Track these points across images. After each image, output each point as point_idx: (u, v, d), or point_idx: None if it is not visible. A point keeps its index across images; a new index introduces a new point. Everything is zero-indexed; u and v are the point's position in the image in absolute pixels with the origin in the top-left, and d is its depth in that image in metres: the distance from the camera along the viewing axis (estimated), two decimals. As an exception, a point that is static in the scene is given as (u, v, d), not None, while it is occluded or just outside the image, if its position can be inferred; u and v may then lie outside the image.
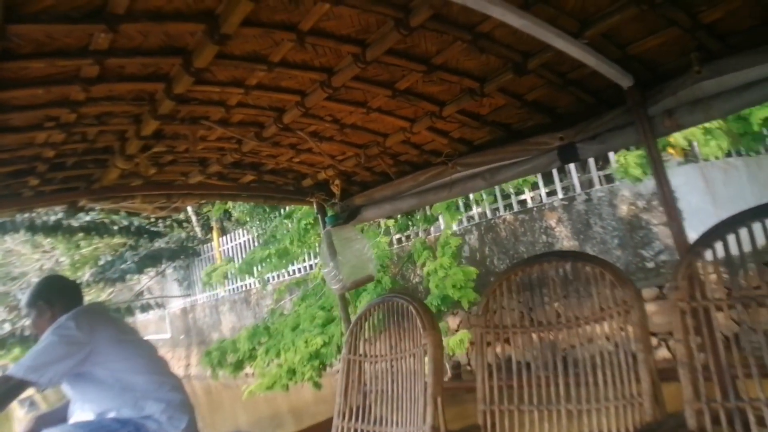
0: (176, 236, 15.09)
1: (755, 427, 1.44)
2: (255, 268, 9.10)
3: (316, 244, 8.54)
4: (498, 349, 2.09)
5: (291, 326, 7.44)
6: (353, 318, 2.58)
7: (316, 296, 7.94)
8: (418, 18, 1.61)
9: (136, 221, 13.83)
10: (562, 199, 7.59)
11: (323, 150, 2.66)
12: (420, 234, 8.84)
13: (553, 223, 7.69)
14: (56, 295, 2.30)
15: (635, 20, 1.74)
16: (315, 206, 3.32)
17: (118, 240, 14.29)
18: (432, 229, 8.96)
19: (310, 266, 10.68)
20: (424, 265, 7.43)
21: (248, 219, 11.59)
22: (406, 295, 2.41)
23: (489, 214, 8.30)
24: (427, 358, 2.16)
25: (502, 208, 8.21)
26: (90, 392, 2.20)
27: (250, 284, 12.59)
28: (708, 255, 1.65)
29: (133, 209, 3.00)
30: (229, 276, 12.08)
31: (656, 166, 2.11)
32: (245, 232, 12.87)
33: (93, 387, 2.19)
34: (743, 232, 1.61)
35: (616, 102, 2.16)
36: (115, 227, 13.26)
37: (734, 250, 1.62)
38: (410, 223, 8.54)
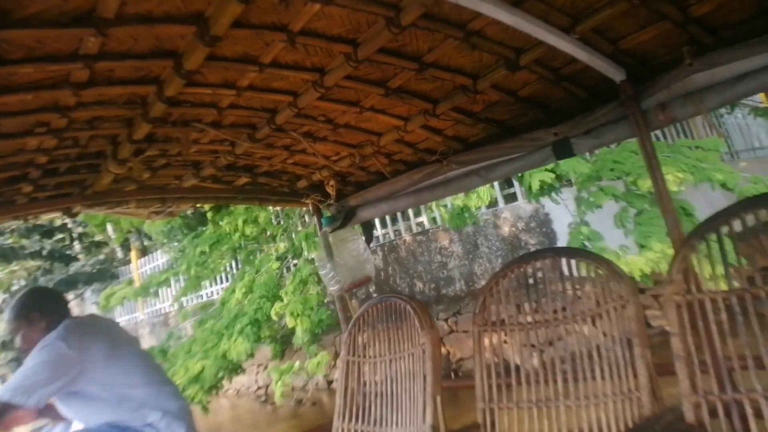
0: (94, 258, 14.81)
1: (752, 418, 1.44)
2: (160, 292, 9.27)
3: (222, 268, 8.91)
4: (495, 347, 2.09)
5: (186, 350, 7.56)
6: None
7: (215, 320, 8.06)
8: (409, 16, 1.61)
9: (48, 245, 13.53)
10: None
11: (317, 150, 2.65)
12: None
13: (446, 243, 8.31)
14: (43, 307, 2.25)
15: (626, 14, 1.74)
16: (311, 207, 3.32)
17: (33, 263, 13.94)
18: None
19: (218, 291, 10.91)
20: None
21: (165, 240, 11.47)
22: (403, 295, 2.41)
23: (392, 235, 8.83)
24: (425, 358, 2.16)
25: (402, 230, 8.78)
26: (86, 408, 2.18)
27: (167, 307, 12.58)
28: (702, 248, 1.65)
29: (127, 214, 2.98)
30: (126, 299, 11.59)
31: (650, 161, 2.11)
32: (165, 253, 12.70)
33: (88, 403, 2.16)
34: (736, 224, 1.61)
35: (609, 96, 2.16)
36: (25, 251, 12.96)
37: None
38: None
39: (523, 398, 1.95)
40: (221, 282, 11.15)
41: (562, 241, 6.79)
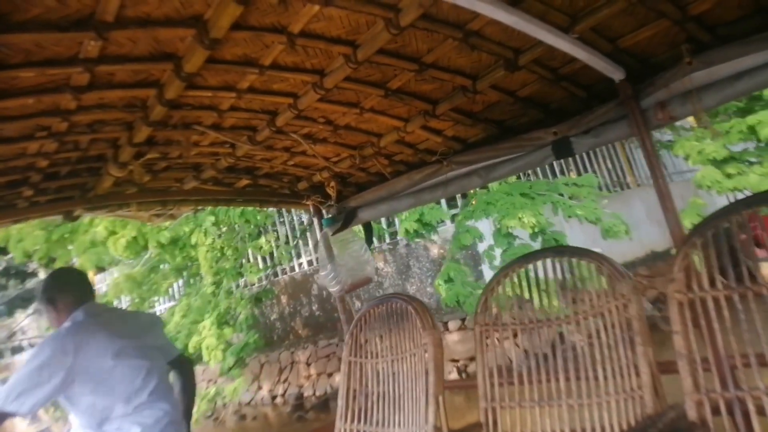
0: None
1: (755, 415, 1.44)
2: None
3: (165, 290, 9.28)
4: (497, 346, 2.09)
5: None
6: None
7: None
8: (407, 17, 1.61)
9: (3, 261, 13.36)
10: (388, 243, 8.98)
11: (317, 152, 2.65)
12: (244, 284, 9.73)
13: (381, 264, 9.01)
14: (61, 291, 2.24)
15: (624, 13, 1.75)
16: (311, 209, 3.32)
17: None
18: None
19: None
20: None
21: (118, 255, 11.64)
22: (404, 295, 2.41)
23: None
24: (427, 358, 2.16)
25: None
26: (82, 412, 2.15)
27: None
28: (703, 246, 1.65)
29: (128, 217, 2.98)
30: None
31: (650, 159, 2.11)
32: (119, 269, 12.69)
33: (84, 408, 2.13)
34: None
35: (608, 95, 2.17)
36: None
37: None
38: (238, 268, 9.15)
39: (525, 397, 1.95)
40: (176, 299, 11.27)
41: (486, 263, 7.39)
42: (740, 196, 6.18)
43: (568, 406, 1.86)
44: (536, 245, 6.37)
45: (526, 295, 2.10)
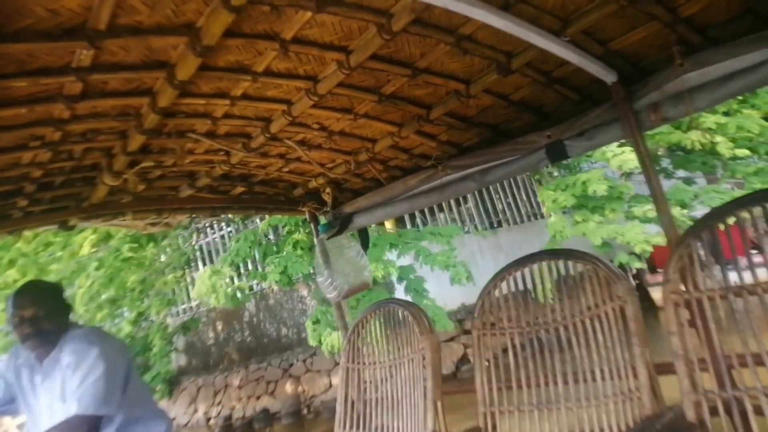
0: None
1: (752, 415, 1.44)
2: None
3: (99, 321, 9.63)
4: (495, 350, 2.09)
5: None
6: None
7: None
8: (399, 22, 1.62)
9: None
10: (311, 274, 9.20)
11: (312, 158, 2.65)
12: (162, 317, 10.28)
13: (305, 293, 9.64)
14: (67, 304, 2.11)
15: (615, 16, 1.76)
16: (307, 215, 3.31)
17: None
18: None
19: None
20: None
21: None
22: (401, 301, 2.41)
23: (264, 287, 9.95)
24: (425, 363, 2.15)
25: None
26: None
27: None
28: (699, 247, 1.66)
29: (123, 226, 2.97)
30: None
31: (644, 160, 2.12)
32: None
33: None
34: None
35: (601, 98, 2.18)
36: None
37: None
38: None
39: (524, 401, 1.94)
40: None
41: (399, 290, 7.98)
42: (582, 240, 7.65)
43: (566, 409, 1.85)
44: (401, 287, 7.46)
45: (523, 299, 2.09)
